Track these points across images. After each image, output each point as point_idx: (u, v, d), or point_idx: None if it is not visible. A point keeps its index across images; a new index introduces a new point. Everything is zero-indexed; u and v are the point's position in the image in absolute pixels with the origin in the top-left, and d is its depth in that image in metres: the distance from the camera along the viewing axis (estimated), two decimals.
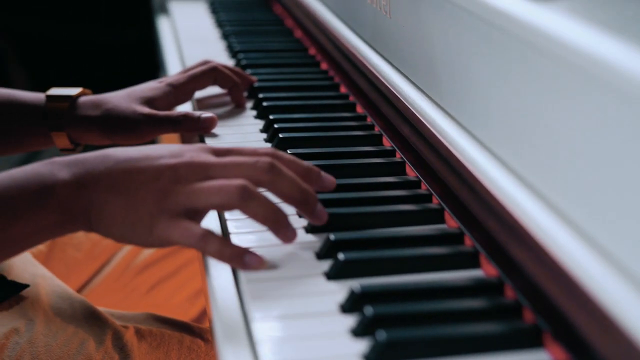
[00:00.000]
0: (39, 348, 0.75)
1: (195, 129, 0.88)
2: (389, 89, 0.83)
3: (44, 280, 0.85)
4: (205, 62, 0.97)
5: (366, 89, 0.92)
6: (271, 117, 0.89)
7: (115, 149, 0.66)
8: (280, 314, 0.57)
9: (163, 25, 1.44)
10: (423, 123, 0.74)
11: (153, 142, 1.11)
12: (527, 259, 0.56)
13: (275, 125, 0.86)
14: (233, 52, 1.17)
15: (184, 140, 0.91)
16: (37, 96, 0.91)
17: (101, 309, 0.83)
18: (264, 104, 0.93)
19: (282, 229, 0.63)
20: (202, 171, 0.63)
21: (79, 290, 1.00)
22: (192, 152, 0.65)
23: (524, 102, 0.58)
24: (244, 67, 1.09)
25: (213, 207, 0.63)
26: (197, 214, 0.63)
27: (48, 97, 0.90)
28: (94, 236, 1.01)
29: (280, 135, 0.84)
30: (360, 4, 0.94)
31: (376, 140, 0.85)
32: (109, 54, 2.35)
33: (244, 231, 0.67)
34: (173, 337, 0.81)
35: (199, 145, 0.67)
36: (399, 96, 0.80)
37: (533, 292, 0.55)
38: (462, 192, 0.67)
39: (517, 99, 0.59)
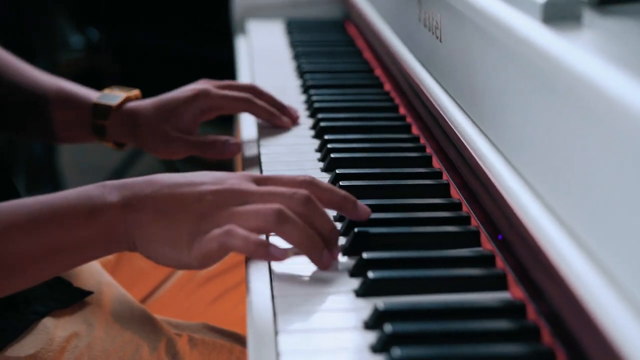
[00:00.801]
0: (97, 352, 0.80)
1: (221, 155, 0.93)
2: (439, 111, 0.85)
3: (109, 288, 0.90)
4: (249, 87, 1.00)
5: (421, 111, 0.94)
6: (326, 137, 0.92)
7: (163, 174, 0.70)
8: (306, 328, 0.59)
9: (240, 44, 1.49)
10: (466, 147, 0.76)
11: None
12: (548, 285, 0.57)
13: (329, 146, 0.89)
14: (301, 73, 1.21)
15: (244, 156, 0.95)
16: (91, 96, 0.99)
17: (159, 317, 0.87)
18: (322, 124, 0.96)
19: (316, 254, 0.66)
20: (241, 198, 0.67)
21: (145, 299, 1.05)
22: (233, 180, 0.68)
23: (552, 134, 0.59)
24: (308, 88, 1.12)
25: (251, 230, 0.65)
26: None
27: (94, 105, 0.97)
28: None
29: (332, 156, 0.86)
30: (417, 27, 0.96)
31: (426, 161, 0.87)
32: (198, 68, 2.43)
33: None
34: (224, 347, 0.85)
35: (241, 173, 0.71)
36: (446, 119, 0.82)
37: (552, 317, 0.56)
38: (496, 216, 0.68)
39: (546, 130, 0.60)
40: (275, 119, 0.98)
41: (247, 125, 1.04)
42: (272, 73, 1.23)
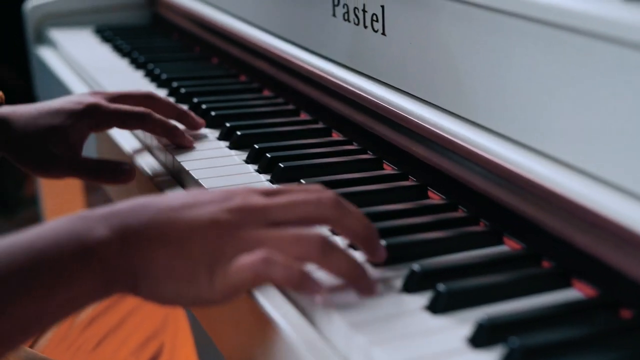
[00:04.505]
0: None
1: (115, 181, 0.81)
2: (407, 119, 0.77)
3: None
4: (146, 96, 0.88)
5: (347, 113, 0.87)
6: (257, 146, 0.82)
7: (147, 197, 0.57)
8: (409, 358, 0.51)
9: (46, 55, 1.32)
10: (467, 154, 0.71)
11: None
12: None
13: (269, 155, 0.79)
14: (161, 81, 1.08)
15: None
16: None
17: None
18: (239, 133, 0.86)
19: (364, 283, 0.57)
20: (261, 215, 0.56)
21: None
22: (241, 195, 0.58)
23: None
24: (184, 96, 1.01)
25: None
26: None
27: None
28: None
29: (282, 165, 0.77)
30: (333, 24, 0.89)
31: (377, 163, 0.80)
32: None
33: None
34: None
35: (245, 187, 0.60)
36: (430, 129, 0.76)
37: None
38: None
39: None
40: (176, 137, 0.85)
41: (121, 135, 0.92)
42: (122, 84, 1.09)
